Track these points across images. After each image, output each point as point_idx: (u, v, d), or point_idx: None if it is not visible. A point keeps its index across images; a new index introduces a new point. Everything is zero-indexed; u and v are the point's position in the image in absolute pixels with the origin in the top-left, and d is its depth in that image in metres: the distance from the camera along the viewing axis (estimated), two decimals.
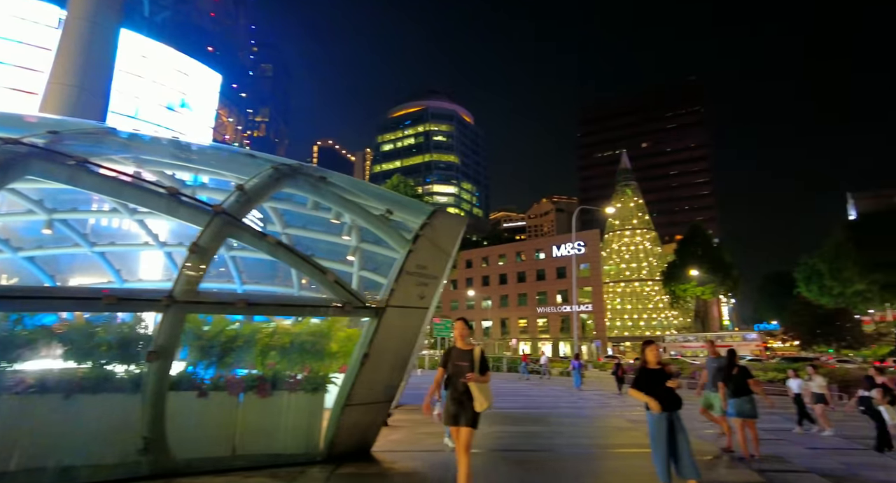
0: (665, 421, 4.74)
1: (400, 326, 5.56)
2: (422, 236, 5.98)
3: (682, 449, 4.68)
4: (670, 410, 4.78)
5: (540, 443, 8.40)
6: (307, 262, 5.25)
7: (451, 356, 4.64)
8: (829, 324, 63.46)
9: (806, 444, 9.73)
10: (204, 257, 4.78)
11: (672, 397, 4.82)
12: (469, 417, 4.44)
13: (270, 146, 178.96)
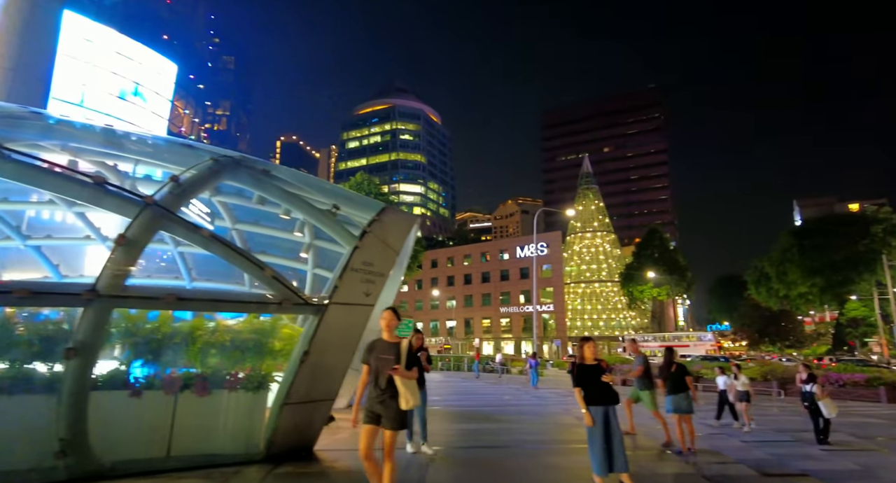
0: (601, 416, 4.86)
1: (343, 324, 5.47)
2: (369, 233, 5.92)
3: (616, 443, 4.80)
4: (606, 405, 4.90)
5: (486, 439, 8.47)
6: (243, 257, 5.09)
7: (375, 349, 4.25)
8: (774, 325, 66.97)
9: (741, 437, 10.20)
10: (132, 250, 4.56)
11: (608, 392, 4.95)
12: (393, 417, 4.04)
13: (231, 140, 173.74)
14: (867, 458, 8.95)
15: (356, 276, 5.54)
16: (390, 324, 4.36)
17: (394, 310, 4.45)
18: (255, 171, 6.00)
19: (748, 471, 6.67)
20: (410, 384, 4.10)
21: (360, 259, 5.61)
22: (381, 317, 4.40)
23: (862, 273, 51.26)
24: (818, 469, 7.87)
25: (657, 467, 6.38)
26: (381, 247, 5.92)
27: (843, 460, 8.43)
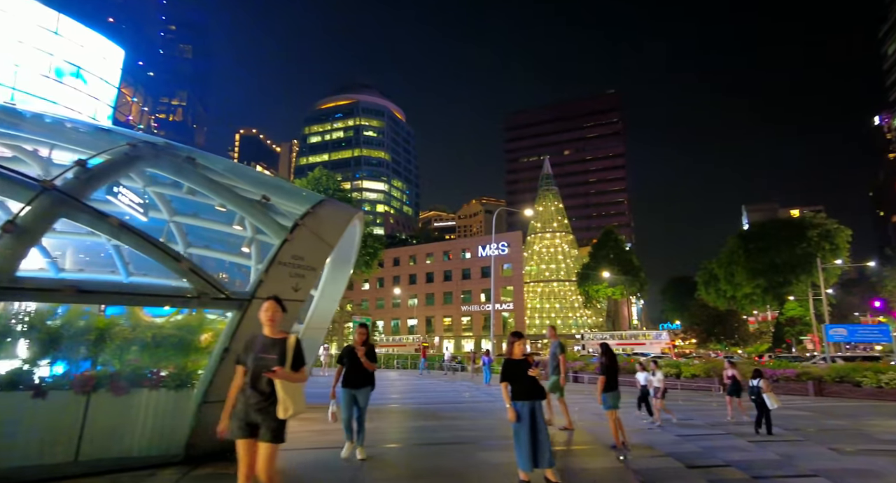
0: (528, 410, 4.87)
1: None
2: (301, 225, 5.73)
3: (541, 438, 4.83)
4: (532, 400, 4.92)
5: (427, 436, 8.42)
6: (156, 247, 4.81)
7: (253, 347, 3.59)
8: (720, 324, 70.18)
9: (677, 432, 10.56)
10: (24, 238, 4.21)
11: (535, 387, 4.97)
12: (272, 428, 3.41)
13: (188, 132, 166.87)
14: (788, 447, 9.45)
15: (284, 270, 5.35)
16: (273, 317, 3.68)
17: (277, 299, 3.80)
18: (177, 159, 5.71)
19: (675, 463, 6.89)
20: (295, 389, 3.45)
21: (289, 252, 5.42)
22: (263, 308, 3.68)
23: (799, 275, 54.38)
24: (742, 459, 8.23)
25: (586, 462, 6.49)
26: (314, 240, 5.75)
27: (766, 451, 8.86)
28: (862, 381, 19.01)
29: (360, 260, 35.77)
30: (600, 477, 5.55)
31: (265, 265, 5.35)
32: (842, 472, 7.95)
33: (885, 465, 8.72)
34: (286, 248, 5.41)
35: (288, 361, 3.51)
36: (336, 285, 11.79)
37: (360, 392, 5.95)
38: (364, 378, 5.98)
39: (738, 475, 6.79)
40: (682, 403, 16.92)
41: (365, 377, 5.98)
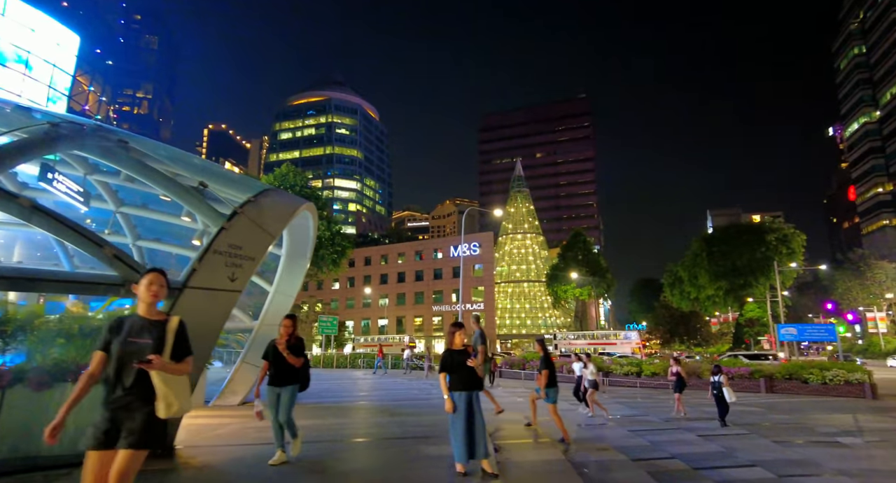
0: (464, 401, 4.81)
1: (203, 310, 5.02)
2: (241, 214, 5.53)
3: (477, 429, 4.78)
4: (469, 391, 4.86)
5: (372, 432, 8.30)
6: (75, 232, 4.52)
7: (122, 330, 2.86)
8: (683, 324, 72.22)
9: (628, 427, 10.74)
10: None
11: (472, 378, 4.92)
12: (139, 429, 2.68)
13: (153, 125, 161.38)
14: (734, 441, 9.73)
15: (220, 259, 5.14)
16: (156, 293, 2.96)
17: (159, 270, 3.06)
18: (106, 142, 5.42)
19: (620, 456, 6.98)
20: (177, 382, 2.79)
21: (226, 241, 5.21)
22: (142, 282, 2.98)
23: (759, 277, 56.48)
24: (688, 452, 8.42)
25: (527, 454, 6.49)
26: (255, 230, 5.56)
27: (712, 444, 9.10)
28: (809, 378, 19.82)
29: (328, 258, 35.27)
30: (540, 468, 5.55)
31: (200, 253, 5.12)
32: (779, 463, 8.22)
33: (820, 454, 9.09)
34: (222, 236, 5.20)
35: (167, 349, 2.85)
36: (292, 280, 11.54)
37: (284, 390, 5.39)
38: (288, 375, 5.39)
39: (679, 466, 6.92)
40: (641, 401, 17.29)
41: (289, 374, 5.40)
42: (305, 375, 5.65)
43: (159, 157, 5.77)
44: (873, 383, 18.98)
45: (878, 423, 13.55)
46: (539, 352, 8.76)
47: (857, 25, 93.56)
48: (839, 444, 10.29)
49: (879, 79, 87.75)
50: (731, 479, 6.80)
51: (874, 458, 8.97)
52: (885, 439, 10.99)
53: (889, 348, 60.63)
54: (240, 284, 5.26)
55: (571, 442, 7.73)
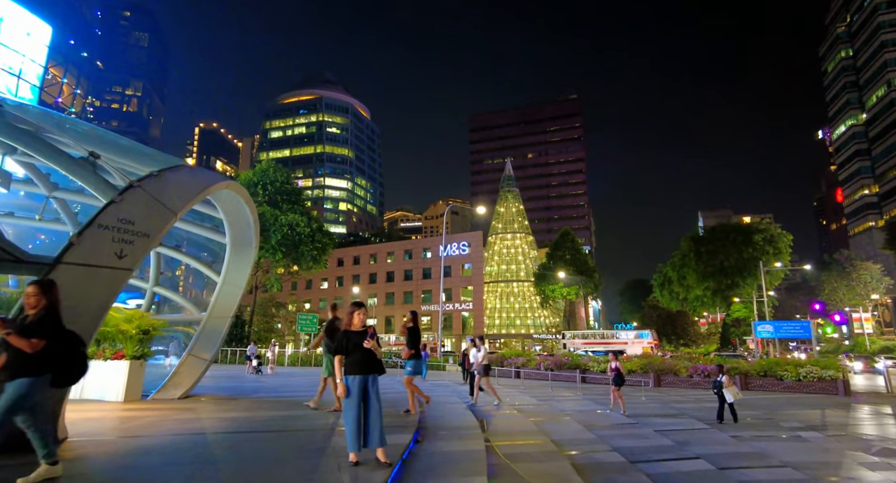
0: (359, 385, 4.48)
1: (82, 288, 4.63)
2: (138, 187, 5.17)
3: (372, 416, 4.45)
4: (365, 375, 4.53)
5: (276, 425, 7.92)
6: None
7: None
8: (671, 324, 72.35)
9: (584, 422, 10.45)
10: None
11: (370, 361, 4.58)
12: None
13: (142, 122, 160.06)
14: (690, 435, 9.50)
15: (105, 234, 4.77)
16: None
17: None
18: None
19: (552, 447, 6.67)
20: None
21: (115, 215, 4.85)
22: None
23: (746, 277, 56.55)
24: (633, 446, 8.14)
25: (447, 445, 6.17)
26: (153, 205, 5.20)
27: (664, 439, 8.84)
28: (783, 375, 19.67)
29: (308, 254, 34.84)
30: (451, 457, 5.24)
31: (82, 227, 4.76)
32: (727, 455, 7.96)
33: (774, 448, 8.87)
34: (111, 210, 4.84)
35: None
36: (239, 271, 11.16)
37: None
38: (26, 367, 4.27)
39: (614, 459, 6.63)
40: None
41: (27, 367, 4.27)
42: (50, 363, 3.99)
43: (48, 124, 5.40)
44: (846, 380, 18.86)
45: (843, 418, 13.39)
46: (409, 323, 8.95)
47: (844, 29, 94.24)
48: (799, 438, 10.09)
49: (865, 82, 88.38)
50: (669, 470, 6.53)
51: (828, 451, 8.75)
52: (845, 434, 10.81)
53: (874, 348, 60.94)
54: (130, 262, 4.89)
55: (415, 412, 7.91)
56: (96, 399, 9.39)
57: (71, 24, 58.89)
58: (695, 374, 21.71)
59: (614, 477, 5.69)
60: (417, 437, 6.20)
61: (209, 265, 11.54)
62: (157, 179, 5.36)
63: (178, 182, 5.62)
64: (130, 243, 4.88)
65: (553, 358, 26.31)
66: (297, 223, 33.07)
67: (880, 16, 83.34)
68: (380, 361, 4.65)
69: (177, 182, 5.60)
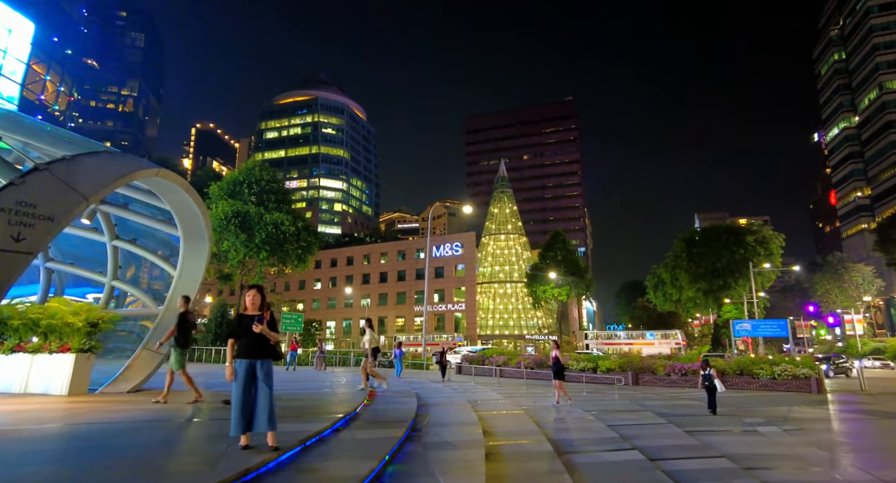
0: (245, 369, 4.40)
1: None
2: (44, 170, 5.11)
3: (259, 400, 4.37)
4: (253, 358, 4.45)
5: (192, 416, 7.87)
6: None
7: None
8: (662, 325, 72.32)
9: (538, 415, 10.39)
10: None
11: (259, 344, 4.49)
12: None
13: (138, 123, 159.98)
14: (641, 429, 9.46)
15: (1, 216, 4.70)
16: None
17: None
18: None
19: (480, 437, 6.61)
20: None
21: (13, 197, 4.78)
22: None
23: (738, 278, 56.52)
24: (575, 438, 8.10)
25: (364, 432, 6.10)
26: (61, 189, 5.13)
27: (612, 432, 8.76)
28: (759, 373, 19.64)
29: (293, 253, 34.75)
30: (364, 444, 5.17)
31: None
32: (667, 448, 7.91)
33: (722, 441, 8.84)
34: (9, 192, 4.76)
35: None
36: (195, 263, 11.10)
37: None
38: None
39: (543, 448, 6.57)
40: (587, 395, 16.99)
41: None
42: None
43: None
44: (819, 378, 18.83)
45: (807, 414, 13.35)
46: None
47: (837, 32, 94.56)
48: (755, 432, 10.05)
49: (858, 84, 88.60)
50: (596, 460, 6.47)
51: (777, 445, 8.71)
52: (803, 429, 10.77)
53: (865, 350, 60.96)
54: (29, 246, 4.82)
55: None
56: (41, 393, 9.30)
57: (54, 21, 58.77)
58: (672, 372, 21.69)
59: (532, 464, 5.62)
60: (341, 426, 6.13)
61: (166, 259, 11.48)
62: (69, 163, 5.30)
63: (95, 167, 5.56)
64: (30, 226, 4.82)
65: (533, 357, 26.28)
66: (283, 222, 33.00)
67: (872, 19, 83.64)
68: (271, 346, 4.56)
69: (94, 167, 5.54)
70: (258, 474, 3.69)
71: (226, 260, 34.76)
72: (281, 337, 25.14)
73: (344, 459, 4.39)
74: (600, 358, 24.41)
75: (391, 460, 4.76)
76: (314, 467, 4.14)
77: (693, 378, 21.03)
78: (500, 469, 5.18)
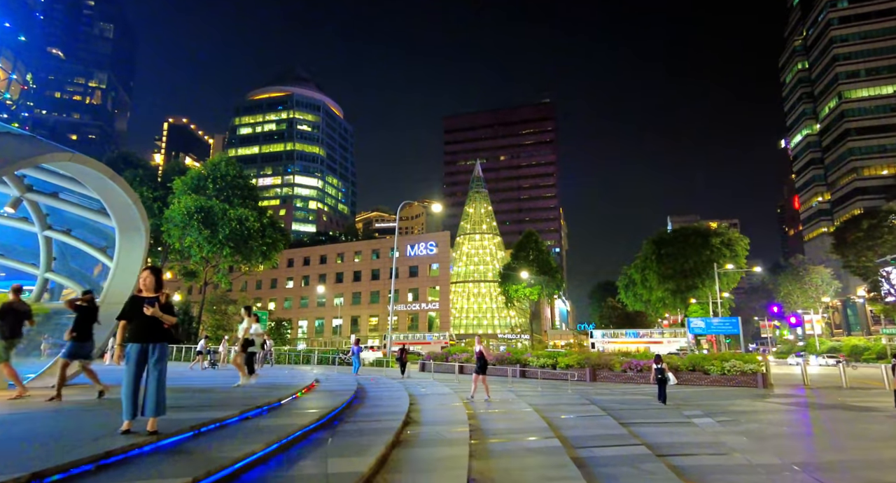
0: (136, 352, 4.32)
1: None
2: None
3: (149, 385, 4.30)
4: (145, 341, 4.37)
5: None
6: None
7: None
8: (630, 324, 73.70)
9: (482, 407, 10.44)
10: None
11: (152, 327, 4.42)
12: None
13: (107, 116, 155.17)
14: (579, 421, 9.61)
15: None
16: None
17: None
18: None
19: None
20: None
21: None
22: None
23: (705, 279, 57.93)
24: (500, 428, 8.17)
25: (263, 421, 6.06)
26: None
27: (541, 423, 8.89)
28: (710, 369, 20.19)
29: (258, 250, 34.18)
30: (257, 430, 5.12)
31: None
32: (593, 437, 8.09)
33: (650, 431, 9.07)
34: None
35: None
36: (131, 255, 10.84)
37: None
38: None
39: (463, 436, 6.62)
40: (541, 390, 17.19)
41: None
42: None
43: None
44: (765, 374, 19.48)
45: (746, 406, 13.77)
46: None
47: (801, 42, 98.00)
48: (690, 424, 10.32)
49: (819, 93, 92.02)
50: (516, 447, 6.56)
51: (705, 434, 8.95)
52: (736, 420, 11.10)
53: (823, 349, 63.25)
54: None
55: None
56: None
57: (4, 5, 55.97)
58: (628, 369, 22.11)
59: (441, 449, 5.66)
60: (251, 415, 6.07)
61: (103, 250, 11.19)
62: None
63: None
64: None
65: (496, 354, 26.49)
66: (247, 218, 32.41)
67: (832, 31, 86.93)
68: (165, 330, 4.47)
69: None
70: (127, 457, 3.62)
71: (189, 256, 34.00)
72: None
73: (234, 443, 4.34)
74: (560, 354, 24.71)
75: (289, 445, 4.73)
76: (195, 450, 4.09)
77: (648, 373, 21.49)
78: (401, 454, 5.20)
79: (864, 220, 55.39)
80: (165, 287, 4.59)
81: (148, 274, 4.61)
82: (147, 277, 4.59)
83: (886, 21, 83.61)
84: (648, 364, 22.00)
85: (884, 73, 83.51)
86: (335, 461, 4.28)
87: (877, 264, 50.45)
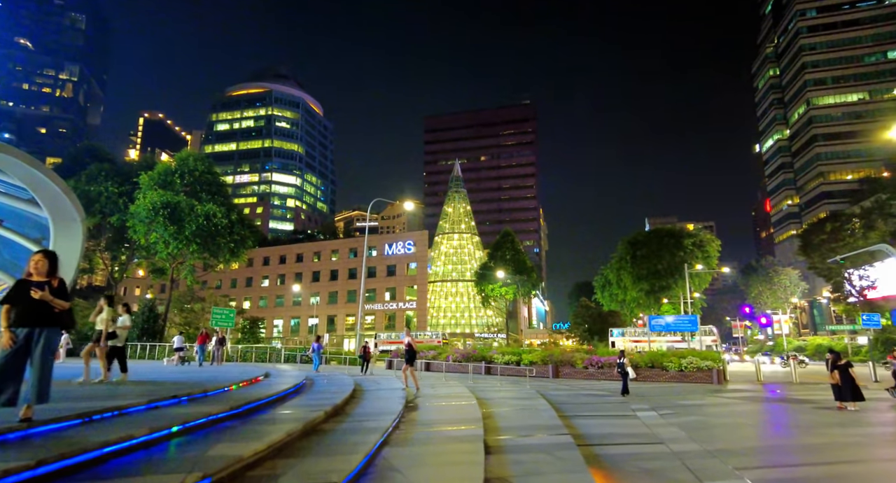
0: (23, 338, 4.19)
1: None
2: None
3: (32, 371, 4.17)
4: (31, 325, 4.25)
5: None
6: None
7: None
8: (602, 323, 74.69)
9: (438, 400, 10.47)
10: None
11: (39, 311, 4.29)
12: None
13: (78, 109, 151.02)
14: (514, 413, 9.68)
15: None
16: None
17: None
18: None
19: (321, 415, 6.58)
20: None
21: None
22: None
23: (678, 280, 58.97)
24: (429, 418, 8.20)
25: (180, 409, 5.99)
26: None
27: (479, 413, 8.94)
28: (668, 365, 20.57)
29: (226, 247, 33.62)
30: (162, 417, 5.04)
31: None
32: (521, 428, 8.18)
33: (583, 424, 9.24)
34: None
35: None
36: (68, 245, 10.58)
37: None
38: None
39: (384, 425, 6.62)
40: (500, 385, 17.30)
41: None
42: None
43: None
44: (721, 370, 19.94)
45: (695, 400, 14.08)
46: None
47: (772, 49, 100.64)
48: (633, 416, 10.50)
49: (789, 99, 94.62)
50: (437, 435, 6.58)
51: (642, 426, 9.11)
52: (678, 413, 11.34)
53: (790, 348, 64.99)
54: None
55: None
56: None
57: None
58: (590, 365, 22.41)
59: (352, 437, 5.65)
60: (162, 405, 5.98)
61: (37, 242, 10.89)
62: None
63: None
64: None
65: (462, 351, 26.57)
66: (215, 214, 31.83)
67: (802, 39, 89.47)
68: (54, 315, 4.35)
69: None
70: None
71: (155, 252, 33.28)
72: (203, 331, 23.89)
73: (126, 430, 4.26)
74: (525, 351, 24.92)
75: (183, 432, 4.66)
76: (70, 437, 4.00)
77: (609, 370, 21.82)
78: (308, 442, 5.17)
79: (828, 223, 57.03)
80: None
81: (41, 257, 4.48)
82: (39, 261, 4.46)
83: (852, 31, 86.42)
84: (609, 361, 22.36)
85: (850, 81, 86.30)
86: (223, 445, 4.24)
87: (828, 264, 51.86)
